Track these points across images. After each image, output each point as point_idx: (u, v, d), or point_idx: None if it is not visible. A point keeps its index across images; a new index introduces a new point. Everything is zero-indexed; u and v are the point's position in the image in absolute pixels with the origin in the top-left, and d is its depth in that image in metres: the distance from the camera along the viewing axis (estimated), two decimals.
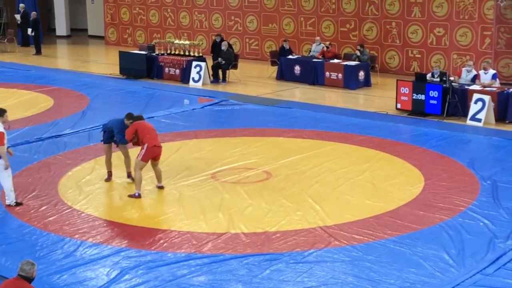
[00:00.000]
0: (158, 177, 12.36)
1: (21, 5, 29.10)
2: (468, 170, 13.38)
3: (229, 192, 12.23)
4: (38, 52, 28.00)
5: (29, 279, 7.47)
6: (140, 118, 12.32)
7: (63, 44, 31.76)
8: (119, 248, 10.02)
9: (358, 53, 21.59)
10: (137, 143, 12.13)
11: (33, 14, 28.24)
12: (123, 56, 23.45)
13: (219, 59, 21.99)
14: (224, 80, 22.11)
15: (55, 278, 9.08)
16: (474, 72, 18.16)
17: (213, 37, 24.22)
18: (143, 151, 11.84)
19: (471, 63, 18.76)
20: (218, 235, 10.40)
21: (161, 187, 12.31)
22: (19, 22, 28.61)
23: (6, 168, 11.36)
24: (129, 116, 12.23)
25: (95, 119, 17.19)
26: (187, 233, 10.55)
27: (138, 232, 10.62)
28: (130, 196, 11.89)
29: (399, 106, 18.16)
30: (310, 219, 11.01)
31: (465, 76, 18.11)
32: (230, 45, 23.23)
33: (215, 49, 22.79)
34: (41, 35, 29.16)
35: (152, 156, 12.00)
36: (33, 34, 27.89)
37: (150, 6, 28.81)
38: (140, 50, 24.12)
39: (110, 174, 12.79)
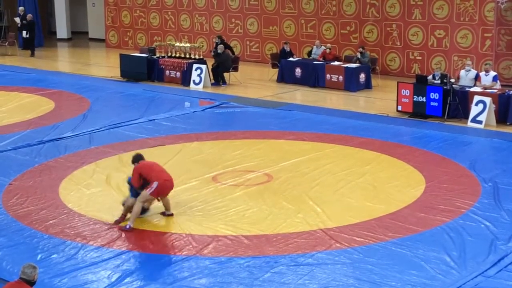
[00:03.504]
0: (167, 207, 11.26)
1: (21, 8, 29.16)
2: (469, 172, 13.37)
3: (230, 194, 12.22)
4: (32, 54, 28.19)
5: (31, 283, 7.47)
6: (140, 157, 11.09)
7: (64, 47, 31.77)
8: (120, 251, 10.02)
9: (358, 55, 21.61)
10: (146, 182, 10.87)
11: (29, 16, 28.35)
12: (124, 58, 23.47)
13: (216, 60, 21.94)
14: (224, 82, 22.11)
15: (56, 281, 9.08)
16: (474, 71, 18.17)
17: (213, 39, 24.26)
18: (153, 187, 10.70)
19: (469, 62, 18.75)
20: (219, 238, 10.39)
21: (170, 215, 11.23)
22: (19, 25, 28.66)
23: None
24: (134, 158, 11.07)
25: (96, 122, 17.20)
26: (188, 235, 10.54)
27: (139, 235, 10.61)
28: (120, 228, 10.69)
29: (400, 108, 18.16)
30: (311, 221, 11.01)
31: (465, 75, 18.11)
32: (230, 48, 23.27)
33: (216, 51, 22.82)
34: (37, 37, 29.40)
35: (163, 191, 10.93)
36: (27, 36, 28.04)
37: (150, 9, 28.83)
38: (140, 52, 24.13)
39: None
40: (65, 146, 15.28)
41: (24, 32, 28.15)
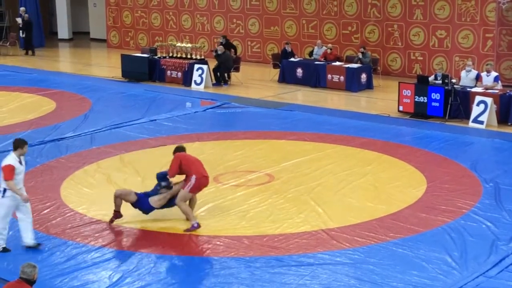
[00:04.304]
0: (192, 207, 11.16)
1: (22, 8, 29.20)
2: (471, 172, 13.36)
3: (231, 195, 12.23)
4: (33, 53, 28.37)
5: (31, 282, 7.48)
6: (181, 149, 11.26)
7: (65, 47, 31.79)
8: (121, 251, 10.04)
9: (360, 55, 21.60)
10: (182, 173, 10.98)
11: (25, 16, 28.44)
12: (125, 59, 23.48)
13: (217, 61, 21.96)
14: (226, 83, 22.12)
15: (57, 281, 9.08)
16: (474, 71, 18.17)
17: (217, 39, 24.26)
18: (192, 182, 10.74)
19: (470, 62, 18.76)
20: (220, 238, 10.39)
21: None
22: (20, 25, 28.70)
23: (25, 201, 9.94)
24: (176, 149, 11.17)
25: (97, 122, 17.21)
26: (189, 235, 10.54)
27: (140, 235, 10.62)
28: (187, 230, 10.63)
29: (401, 108, 18.16)
30: (313, 221, 11.01)
31: (466, 76, 18.10)
32: (234, 47, 23.29)
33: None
34: (38, 37, 29.60)
35: (200, 188, 10.97)
36: (24, 36, 28.16)
37: (152, 9, 28.84)
38: (142, 53, 24.14)
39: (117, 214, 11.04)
40: (66, 146, 15.29)
41: (20, 32, 28.29)
